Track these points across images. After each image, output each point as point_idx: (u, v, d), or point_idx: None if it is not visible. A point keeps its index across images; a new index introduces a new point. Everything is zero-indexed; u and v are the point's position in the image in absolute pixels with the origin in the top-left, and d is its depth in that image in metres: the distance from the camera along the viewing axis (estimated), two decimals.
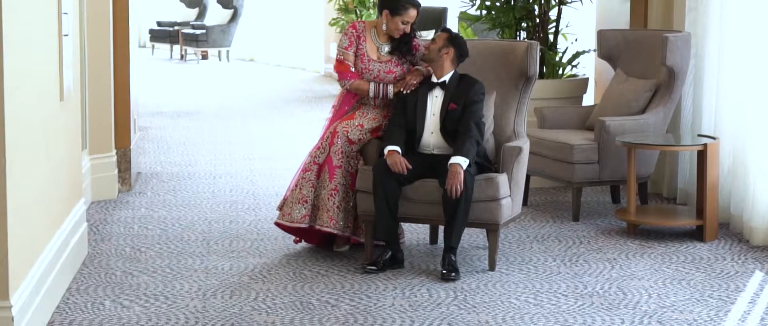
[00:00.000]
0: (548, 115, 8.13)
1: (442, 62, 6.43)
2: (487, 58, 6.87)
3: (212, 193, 8.38)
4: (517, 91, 6.80)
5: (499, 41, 7.06)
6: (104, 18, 7.92)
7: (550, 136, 7.76)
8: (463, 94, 6.38)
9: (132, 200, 8.05)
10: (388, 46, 6.61)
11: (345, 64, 6.59)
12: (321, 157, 6.52)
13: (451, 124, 6.37)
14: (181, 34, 20.33)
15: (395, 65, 6.59)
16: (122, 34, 8.18)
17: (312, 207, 6.51)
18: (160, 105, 13.70)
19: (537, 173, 7.93)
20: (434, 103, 6.43)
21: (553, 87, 8.65)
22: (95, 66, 7.89)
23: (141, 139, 10.84)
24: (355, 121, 6.56)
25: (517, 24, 8.82)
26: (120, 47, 8.19)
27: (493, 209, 6.27)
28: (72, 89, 6.13)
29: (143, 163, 9.60)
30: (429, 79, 6.50)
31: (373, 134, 6.57)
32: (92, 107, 7.90)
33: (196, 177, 9.03)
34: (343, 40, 6.62)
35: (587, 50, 8.90)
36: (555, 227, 7.40)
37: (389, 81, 6.57)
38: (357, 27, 6.63)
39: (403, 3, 6.45)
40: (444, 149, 6.40)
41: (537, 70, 6.75)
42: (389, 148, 6.30)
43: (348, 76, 6.58)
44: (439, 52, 6.42)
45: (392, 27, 6.51)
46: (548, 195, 8.41)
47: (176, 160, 9.78)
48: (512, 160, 6.41)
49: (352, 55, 6.60)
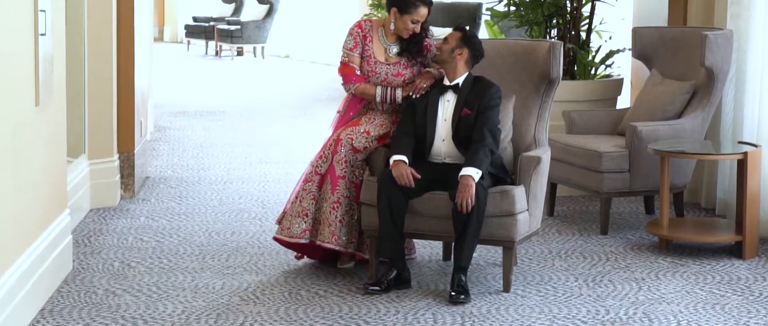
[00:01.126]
0: (577, 119, 7.57)
1: (454, 64, 5.90)
2: (507, 59, 6.33)
3: (219, 201, 7.91)
4: (539, 95, 6.25)
5: (520, 40, 6.51)
6: (106, 16, 7.47)
7: (577, 142, 7.20)
8: (477, 98, 5.85)
9: (133, 208, 7.60)
10: (396, 46, 6.08)
11: (350, 67, 6.08)
12: (323, 166, 6.01)
13: (464, 131, 5.84)
14: (216, 29, 19.93)
15: (404, 67, 6.07)
16: (126, 33, 7.72)
17: (313, 221, 6.01)
18: (184, 103, 13.28)
19: (563, 182, 7.37)
20: (446, 108, 5.91)
21: (584, 88, 8.09)
22: (96, 66, 7.44)
23: (156, 140, 10.42)
24: (361, 127, 6.05)
25: (547, 21, 8.26)
26: (124, 47, 7.73)
27: (508, 225, 5.73)
28: (55, 92, 5.67)
29: (154, 166, 9.15)
30: (441, 82, 5.97)
31: (380, 142, 6.05)
32: (92, 110, 7.45)
33: (205, 182, 8.57)
34: (348, 41, 6.11)
35: (622, 49, 8.31)
36: (581, 241, 6.84)
37: (398, 84, 6.06)
38: (363, 26, 6.11)
39: (413, 0, 5.92)
40: (456, 158, 5.87)
41: (560, 72, 6.20)
42: (395, 157, 5.78)
43: (353, 80, 6.07)
44: (451, 53, 5.89)
45: (401, 26, 5.99)
46: (577, 204, 7.85)
47: (189, 164, 9.33)
48: (530, 171, 5.86)
49: (358, 56, 6.08)
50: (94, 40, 7.38)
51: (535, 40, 6.41)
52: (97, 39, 7.40)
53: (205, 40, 20.57)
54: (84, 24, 7.30)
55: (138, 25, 8.13)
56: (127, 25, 7.71)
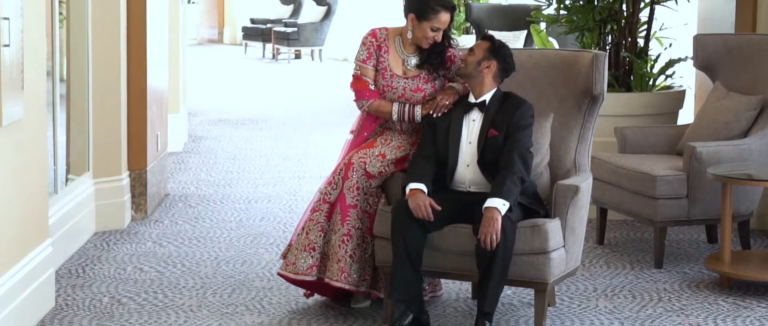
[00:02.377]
0: (630, 137, 6.79)
1: (481, 78, 5.18)
2: (545, 71, 5.58)
3: (238, 222, 7.26)
4: (581, 113, 5.50)
5: (560, 51, 5.76)
6: (113, 23, 6.85)
7: (629, 163, 6.42)
8: (506, 117, 5.12)
9: (142, 231, 6.97)
10: (415, 58, 5.37)
11: (363, 81, 5.38)
12: (332, 194, 5.32)
13: (491, 155, 5.12)
14: (273, 32, 19.35)
15: (424, 81, 5.35)
16: (138, 37, 7.10)
17: (321, 255, 5.33)
18: (227, 110, 12.68)
19: (614, 207, 6.60)
20: (471, 129, 5.18)
21: (640, 101, 7.30)
22: (101, 76, 6.82)
23: (188, 152, 9.82)
24: (376, 149, 5.35)
25: (600, 26, 7.48)
26: (135, 53, 7.11)
27: (541, 264, 4.99)
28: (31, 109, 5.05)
29: (178, 181, 8.53)
30: (465, 99, 5.25)
31: (397, 166, 5.35)
32: (97, 124, 6.84)
33: (229, 200, 7.92)
34: (361, 52, 5.41)
35: (684, 58, 7.49)
36: (631, 276, 6.07)
37: (417, 101, 5.35)
38: (377, 35, 5.41)
39: (433, 5, 5.21)
40: (482, 186, 5.15)
41: (605, 87, 5.44)
42: (412, 186, 5.07)
43: (366, 95, 5.37)
44: (477, 66, 5.16)
45: (419, 35, 5.27)
46: (631, 230, 7.07)
47: (216, 179, 8.69)
48: (567, 201, 5.11)
49: (372, 69, 5.38)
50: (99, 47, 6.78)
51: (577, 51, 5.65)
52: (103, 45, 6.80)
53: (262, 42, 20.01)
54: (87, 28, 6.69)
55: (156, 27, 7.52)
56: (138, 28, 7.09)
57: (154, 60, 7.45)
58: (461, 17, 13.11)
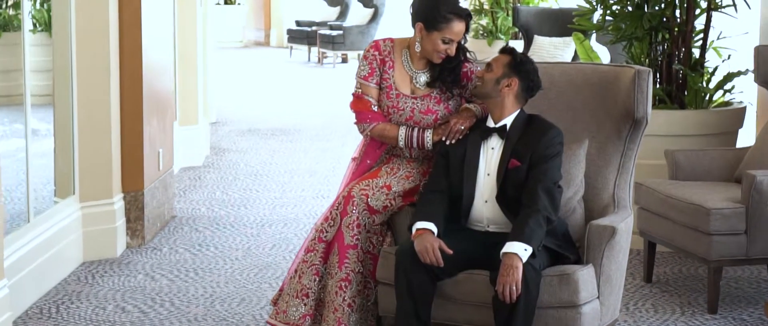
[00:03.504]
0: (682, 161, 5.97)
1: (501, 99, 4.42)
2: (581, 90, 4.81)
3: (246, 251, 6.55)
4: (622, 140, 4.72)
5: (596, 66, 4.96)
6: (101, 29, 6.16)
7: (680, 193, 5.61)
8: (530, 144, 4.36)
9: (136, 260, 6.29)
10: (425, 74, 4.63)
11: (364, 101, 4.64)
12: (329, 231, 4.59)
13: (513, 189, 4.35)
14: (318, 35, 18.66)
15: (436, 102, 4.60)
16: (132, 48, 6.41)
17: (315, 303, 4.60)
18: (258, 119, 11.98)
19: (664, 243, 5.80)
20: (490, 158, 4.42)
21: (694, 119, 6.48)
22: (87, 90, 6.14)
23: (208, 166, 9.14)
24: (380, 180, 4.60)
25: (651, 35, 6.66)
26: (129, 64, 6.42)
27: (570, 320, 4.22)
28: None
29: (189, 201, 7.84)
30: (483, 123, 4.49)
31: (405, 199, 4.61)
32: (84, 141, 6.17)
33: (241, 224, 7.21)
34: (362, 67, 4.67)
35: (745, 71, 6.64)
36: (681, 322, 5.28)
37: (427, 125, 4.60)
38: (381, 47, 4.66)
39: (443, 12, 4.45)
40: (502, 225, 4.39)
41: (649, 110, 4.65)
42: (419, 225, 4.32)
43: (368, 118, 4.63)
44: (496, 84, 4.41)
45: (429, 47, 4.52)
46: (684, 265, 6.27)
47: (231, 198, 7.99)
48: (602, 245, 4.33)
49: (375, 87, 4.64)
50: (84, 55, 6.09)
51: (617, 66, 4.86)
52: (90, 52, 6.11)
53: (307, 45, 19.33)
54: (71, 35, 6.01)
55: (157, 32, 6.84)
56: (132, 33, 6.41)
57: (154, 67, 6.76)
58: (509, 21, 12.31)
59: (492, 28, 12.56)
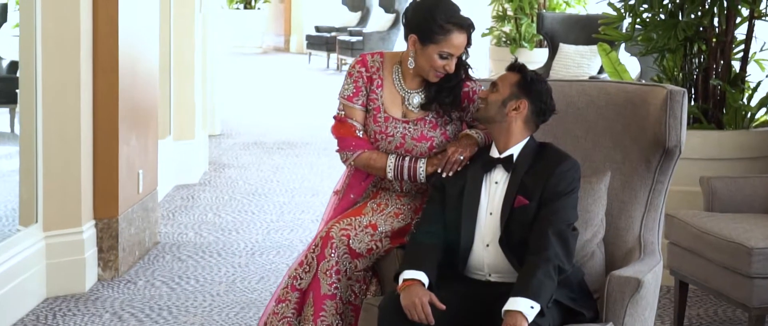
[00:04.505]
0: (720, 189, 5.25)
1: (507, 124, 3.73)
2: (602, 112, 4.11)
3: (231, 284, 5.88)
4: (650, 172, 4.02)
5: (621, 84, 4.25)
6: (71, 39, 5.50)
7: (718, 228, 4.89)
8: (541, 179, 3.67)
9: (106, 296, 5.63)
10: (419, 94, 3.94)
11: (348, 125, 3.97)
12: (304, 278, 3.91)
13: (519, 232, 3.66)
14: (337, 41, 18.00)
15: (431, 127, 3.92)
16: (107, 62, 5.76)
17: None
18: (265, 132, 11.31)
19: (698, 284, 5.08)
20: (493, 195, 3.73)
21: (733, 141, 5.77)
22: (53, 105, 5.48)
23: (203, 184, 8.49)
24: (364, 218, 3.92)
25: (685, 47, 5.95)
26: (104, 79, 5.77)
27: None
28: None
29: (177, 224, 7.18)
30: (486, 153, 3.80)
31: (393, 241, 3.93)
32: (48, 164, 5.51)
33: (230, 251, 6.55)
34: (346, 86, 4.00)
35: None
36: None
37: (421, 153, 3.91)
38: (368, 63, 3.99)
39: (441, 22, 3.77)
40: (507, 274, 3.70)
41: (682, 137, 3.95)
42: (407, 275, 3.64)
43: (352, 145, 3.95)
44: (502, 107, 3.72)
45: (424, 63, 3.84)
46: (720, 306, 5.55)
47: (224, 222, 7.32)
48: (624, 300, 3.63)
49: (360, 109, 3.97)
50: (51, 65, 5.44)
51: (647, 85, 4.15)
52: (58, 63, 5.46)
53: (326, 51, 18.67)
54: (36, 45, 5.37)
55: (139, 41, 6.20)
56: (108, 41, 5.75)
57: (135, 80, 6.12)
58: (533, 28, 11.60)
59: (515, 35, 11.86)
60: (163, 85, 8.12)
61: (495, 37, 12.14)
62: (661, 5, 5.91)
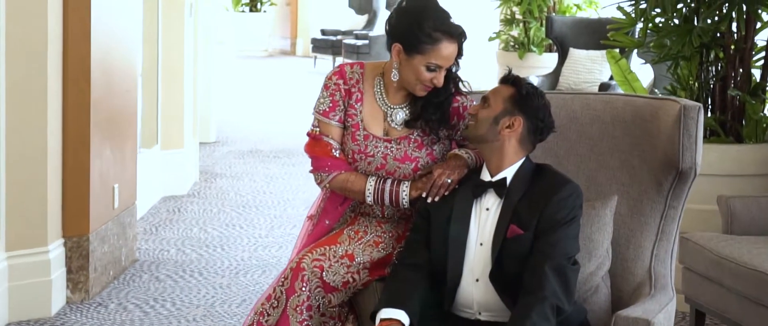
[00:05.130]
0: (740, 210, 4.81)
1: (500, 143, 3.30)
2: (608, 129, 3.68)
3: (209, 308, 5.47)
4: (662, 196, 3.58)
5: (629, 98, 3.81)
6: (36, 42, 5.09)
7: (737, 253, 4.46)
8: (537, 206, 3.24)
9: (74, 321, 5.22)
10: (403, 110, 3.52)
11: (323, 143, 3.53)
12: (272, 314, 3.48)
13: (513, 265, 3.24)
14: (343, 44, 17.58)
15: (416, 147, 3.49)
16: (78, 69, 5.34)
17: None
18: (262, 139, 10.89)
19: (716, 314, 4.65)
20: (484, 223, 3.31)
21: (754, 156, 5.33)
22: (16, 115, 5.06)
23: (192, 195, 8.08)
24: (340, 247, 3.49)
25: (702, 54, 5.52)
26: (75, 87, 5.35)
27: None
28: None
29: (159, 240, 6.77)
30: (476, 176, 3.37)
31: (372, 273, 3.51)
32: (10, 180, 5.09)
33: (213, 270, 6.13)
34: (322, 99, 3.57)
35: None
36: None
37: (404, 175, 3.48)
38: (347, 74, 3.56)
39: (428, 29, 3.34)
40: (498, 312, 3.29)
41: (698, 158, 3.51)
42: (384, 313, 3.23)
43: (327, 166, 3.52)
44: (494, 125, 3.30)
45: (410, 76, 3.41)
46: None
47: (210, 237, 6.90)
48: None
49: (337, 125, 3.53)
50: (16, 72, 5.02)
51: (659, 99, 3.71)
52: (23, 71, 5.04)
53: (332, 55, 18.25)
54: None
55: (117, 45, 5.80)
56: (79, 47, 5.33)
57: (110, 88, 5.71)
58: (542, 33, 11.14)
59: (524, 39, 11.40)
60: (150, 92, 7.73)
61: (503, 42, 11.69)
62: (675, 9, 5.48)
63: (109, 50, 5.69)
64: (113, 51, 5.76)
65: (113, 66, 5.77)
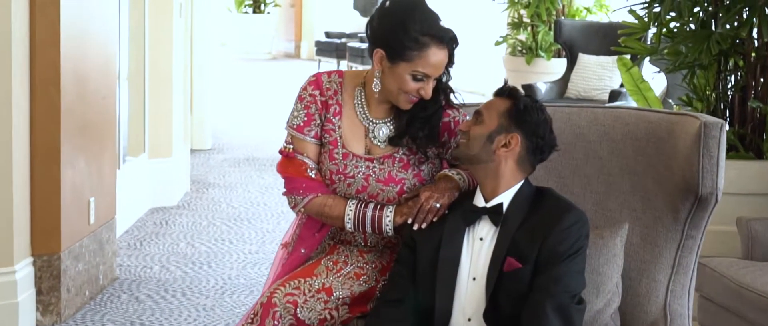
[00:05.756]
0: (762, 233, 4.42)
1: (495, 164, 2.91)
2: (618, 148, 3.29)
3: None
4: (679, 224, 3.18)
5: (643, 112, 3.42)
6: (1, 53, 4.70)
7: (759, 281, 4.07)
8: (537, 236, 2.85)
9: None
10: (387, 125, 3.12)
11: (297, 163, 3.15)
12: None
13: (509, 303, 2.85)
14: (347, 47, 17.20)
15: (402, 167, 3.10)
16: (46, 78, 4.95)
17: None
18: (259, 146, 10.50)
19: None
20: (477, 255, 2.92)
21: None
22: None
23: (181, 206, 7.70)
24: (316, 280, 3.10)
25: (720, 62, 5.12)
26: (42, 97, 4.96)
27: None
28: None
29: (142, 256, 6.38)
30: (469, 201, 2.98)
31: (353, 309, 3.12)
32: None
33: (196, 291, 5.74)
34: (296, 113, 3.18)
35: None
36: None
37: (388, 199, 3.09)
38: (323, 84, 3.17)
39: (415, 33, 2.94)
40: None
41: (720, 182, 3.12)
42: None
43: (302, 188, 3.14)
44: (489, 143, 2.91)
45: (393, 86, 3.03)
46: None
47: (197, 252, 6.51)
48: None
49: (313, 142, 3.14)
50: None
51: (675, 115, 3.32)
52: None
53: (336, 59, 17.87)
54: None
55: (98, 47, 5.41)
56: (48, 52, 4.93)
57: (84, 95, 5.32)
58: (550, 37, 10.75)
59: (532, 43, 11.00)
60: (137, 98, 7.35)
61: (510, 46, 11.29)
62: (692, 13, 5.08)
63: (83, 53, 5.30)
64: (88, 54, 5.37)
65: (88, 70, 5.39)
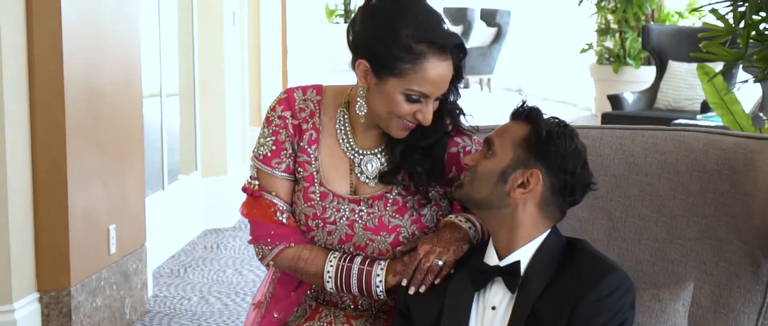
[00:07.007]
0: None
1: (510, 211, 2.24)
2: (682, 181, 2.59)
3: None
4: (761, 283, 2.48)
5: (713, 136, 2.69)
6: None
7: None
8: (565, 306, 2.17)
9: None
10: (377, 157, 2.44)
11: (264, 204, 2.47)
12: None
13: None
14: None
15: (396, 210, 2.42)
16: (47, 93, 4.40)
17: None
18: None
19: None
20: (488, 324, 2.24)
21: None
22: None
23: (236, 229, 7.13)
24: None
25: None
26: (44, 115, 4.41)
27: None
28: None
29: (185, 283, 5.83)
30: (477, 256, 2.30)
31: None
32: None
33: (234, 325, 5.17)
34: (262, 140, 2.50)
35: None
36: None
37: (379, 251, 2.42)
38: (295, 103, 2.49)
39: (408, 40, 2.26)
40: None
41: None
42: None
43: (269, 236, 2.47)
44: (502, 182, 2.24)
45: (380, 108, 2.35)
46: None
47: (244, 281, 5.92)
48: None
49: (285, 178, 2.48)
50: None
51: (756, 139, 2.59)
52: None
53: None
54: None
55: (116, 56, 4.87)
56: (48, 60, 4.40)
57: (97, 110, 4.76)
58: (638, 44, 9.94)
59: (619, 51, 10.21)
60: (187, 113, 6.83)
61: (597, 53, 10.52)
62: None
63: (95, 66, 4.73)
64: (101, 67, 4.81)
65: (103, 85, 4.82)
